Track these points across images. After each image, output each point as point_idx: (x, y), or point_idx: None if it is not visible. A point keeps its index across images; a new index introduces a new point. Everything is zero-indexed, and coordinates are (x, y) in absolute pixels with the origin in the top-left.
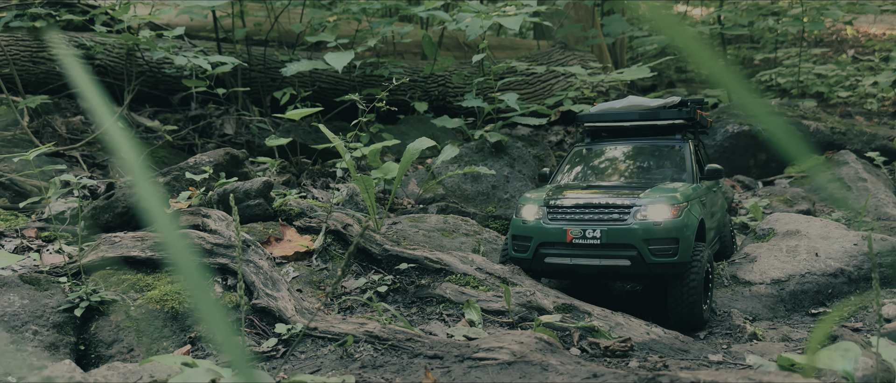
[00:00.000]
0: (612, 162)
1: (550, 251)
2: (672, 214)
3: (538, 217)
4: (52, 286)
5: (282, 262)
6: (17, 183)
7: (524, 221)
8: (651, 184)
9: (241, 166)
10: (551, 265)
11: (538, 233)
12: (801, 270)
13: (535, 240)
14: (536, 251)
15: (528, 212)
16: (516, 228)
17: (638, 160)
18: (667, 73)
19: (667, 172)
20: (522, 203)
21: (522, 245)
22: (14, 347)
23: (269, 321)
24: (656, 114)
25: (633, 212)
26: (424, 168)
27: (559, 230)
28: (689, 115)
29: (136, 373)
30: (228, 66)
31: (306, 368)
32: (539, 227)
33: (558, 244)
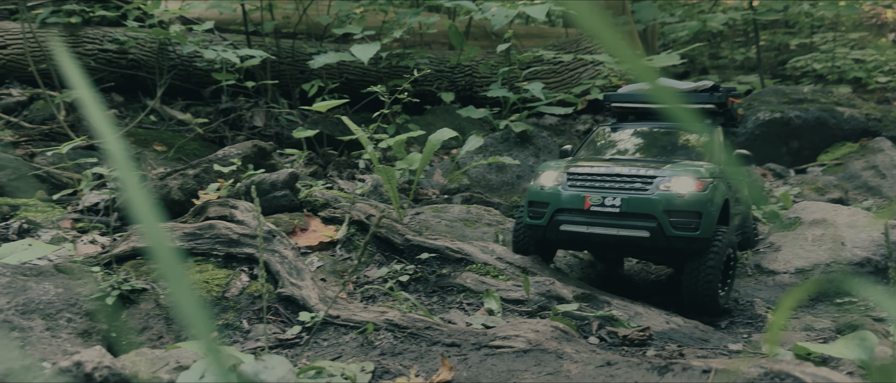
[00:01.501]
0: (637, 142)
1: (567, 218)
2: (696, 188)
3: (556, 183)
4: (85, 275)
5: (306, 252)
6: (54, 175)
7: (542, 187)
8: (669, 161)
9: (268, 158)
10: (566, 233)
11: (555, 198)
12: (826, 259)
13: (552, 207)
14: (552, 218)
15: (546, 178)
16: (533, 194)
17: (663, 142)
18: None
19: (689, 151)
20: (541, 169)
21: (538, 211)
22: (49, 334)
23: (293, 309)
24: (686, 98)
25: (656, 182)
26: (450, 158)
27: (577, 196)
28: (720, 101)
29: (162, 359)
30: (257, 59)
31: (328, 355)
32: (556, 193)
33: (575, 211)
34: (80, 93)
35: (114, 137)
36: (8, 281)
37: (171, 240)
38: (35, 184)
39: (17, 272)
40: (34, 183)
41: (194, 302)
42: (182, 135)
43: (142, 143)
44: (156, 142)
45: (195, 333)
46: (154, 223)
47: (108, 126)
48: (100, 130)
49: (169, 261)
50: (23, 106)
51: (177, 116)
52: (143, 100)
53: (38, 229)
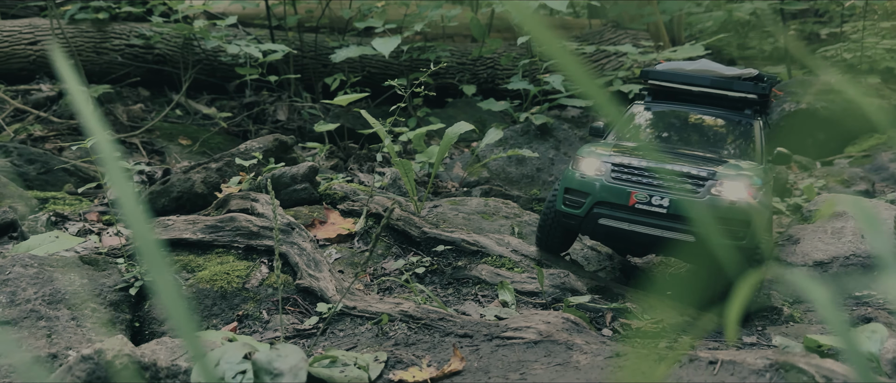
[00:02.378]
0: (675, 127)
1: (607, 212)
2: (748, 195)
3: (599, 173)
4: (110, 266)
5: (325, 244)
6: (82, 169)
7: (582, 175)
8: (717, 158)
9: (289, 152)
10: (604, 228)
11: (597, 190)
12: (846, 252)
13: (592, 198)
14: (591, 210)
15: (587, 166)
16: (571, 181)
17: (703, 130)
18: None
19: (734, 149)
20: (582, 154)
21: (576, 200)
22: (74, 323)
23: (311, 300)
24: (729, 84)
25: (708, 185)
26: (470, 151)
27: (622, 191)
28: (764, 91)
29: (182, 347)
30: (279, 53)
31: (344, 344)
32: (599, 184)
33: (618, 206)
34: (72, 89)
35: (106, 137)
36: (35, 272)
37: (193, 233)
38: (63, 177)
39: (44, 263)
40: (62, 176)
41: (177, 296)
42: (207, 129)
43: (167, 137)
44: (181, 136)
45: (179, 328)
46: (139, 217)
47: (101, 126)
48: (92, 129)
49: (154, 255)
50: (52, 101)
51: (202, 110)
52: (168, 94)
53: (66, 221)
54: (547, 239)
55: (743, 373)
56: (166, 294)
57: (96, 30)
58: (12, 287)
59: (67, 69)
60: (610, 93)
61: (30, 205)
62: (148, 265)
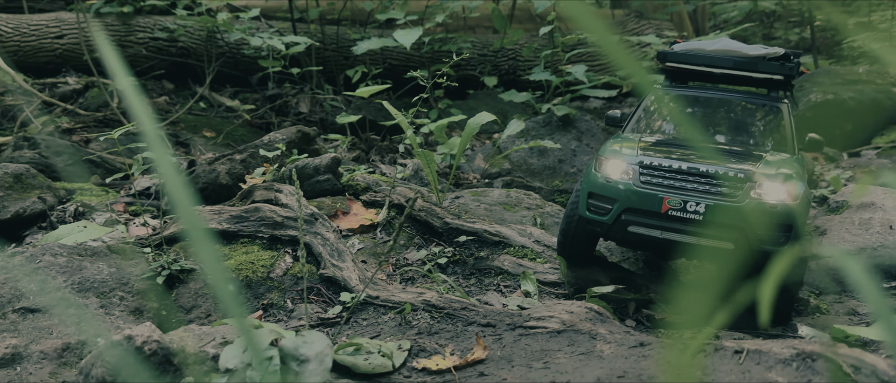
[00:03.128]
0: (697, 115)
1: (637, 220)
2: (789, 196)
3: (627, 177)
4: (137, 256)
5: (348, 235)
6: (108, 160)
7: (607, 179)
8: (750, 152)
9: (312, 143)
10: (635, 235)
11: (626, 196)
12: (874, 243)
13: (621, 205)
14: (619, 217)
15: (613, 169)
16: (595, 185)
17: (729, 118)
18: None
19: (763, 138)
20: (606, 155)
21: (602, 207)
22: (103, 311)
23: (335, 290)
24: (754, 64)
25: (747, 188)
26: (491, 143)
27: (654, 197)
28: (791, 73)
29: (209, 335)
30: (301, 46)
31: (367, 333)
32: (628, 190)
33: (649, 213)
34: (121, 83)
35: (153, 126)
36: (65, 261)
37: (218, 223)
38: (90, 169)
39: (73, 253)
40: (89, 168)
41: (229, 284)
42: (230, 122)
43: (192, 129)
44: (205, 129)
45: (230, 312)
46: (191, 209)
47: (149, 116)
48: (141, 119)
49: (205, 245)
50: (78, 93)
51: (225, 103)
52: (192, 87)
53: (93, 212)
54: (570, 245)
55: (769, 363)
56: (216, 279)
57: (121, 23)
58: (42, 275)
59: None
60: (636, 81)
61: (58, 195)
62: (197, 250)
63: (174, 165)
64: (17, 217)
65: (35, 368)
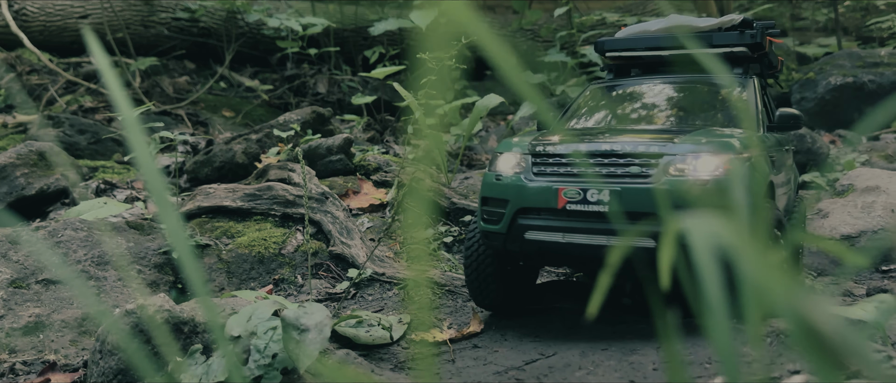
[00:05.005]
0: (644, 104)
1: (533, 222)
2: (725, 169)
3: (519, 170)
4: (154, 231)
5: (358, 214)
6: None
7: (499, 177)
8: (684, 130)
9: (326, 124)
10: (534, 244)
11: (517, 194)
12: (875, 226)
13: (512, 205)
14: (513, 221)
15: (505, 163)
16: (487, 187)
17: (680, 103)
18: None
19: (719, 119)
20: (500, 150)
21: (495, 213)
22: (121, 283)
23: (343, 266)
24: (708, 39)
25: (663, 164)
26: (506, 124)
27: (547, 190)
28: (755, 41)
29: (219, 306)
30: (319, 26)
31: (372, 307)
32: (518, 185)
33: (545, 212)
34: (99, 64)
35: (132, 113)
36: (85, 235)
37: (232, 201)
38: (112, 147)
39: (93, 227)
40: (111, 146)
41: (194, 261)
42: (249, 102)
43: (211, 109)
44: (224, 108)
45: (195, 289)
46: (163, 192)
47: (127, 101)
48: (119, 104)
49: (176, 226)
50: None
51: (245, 83)
52: (213, 66)
53: (114, 189)
54: (479, 283)
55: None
56: (185, 259)
57: (144, 3)
58: (64, 249)
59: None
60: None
61: (80, 173)
62: (169, 233)
63: (149, 152)
64: (41, 193)
65: (57, 336)
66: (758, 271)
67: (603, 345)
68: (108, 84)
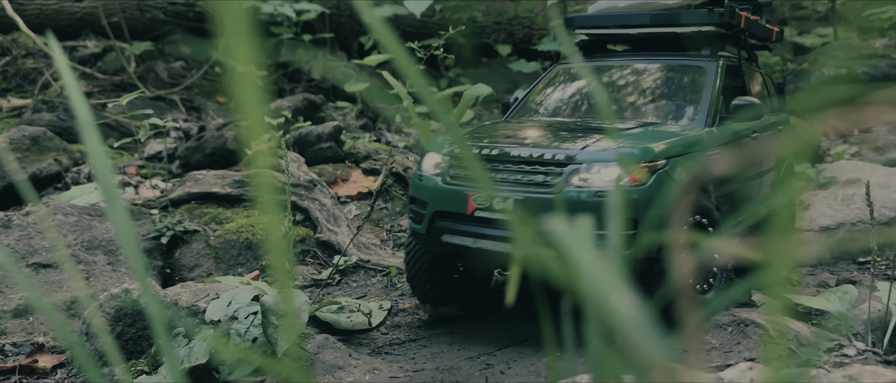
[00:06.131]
0: (600, 89)
1: (448, 225)
2: (630, 179)
3: (438, 172)
4: (144, 217)
5: (346, 201)
6: (123, 124)
7: (421, 177)
8: (600, 129)
9: (318, 111)
10: (450, 247)
11: (433, 196)
12: (853, 218)
13: (430, 207)
14: (431, 223)
15: (428, 163)
16: (412, 186)
17: (640, 89)
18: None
19: (674, 107)
20: (427, 149)
21: (418, 212)
22: (110, 268)
23: (329, 253)
24: (675, 17)
25: (566, 173)
26: (498, 112)
27: (459, 194)
28: (726, 20)
29: (203, 291)
30: (313, 12)
31: (355, 293)
32: (435, 188)
33: (457, 216)
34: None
35: (87, 110)
36: (75, 220)
37: (221, 187)
38: (105, 132)
39: (83, 212)
40: (104, 131)
41: (136, 248)
42: None
43: (206, 94)
44: (219, 94)
45: (137, 276)
46: (110, 180)
47: (83, 98)
48: (75, 101)
49: (120, 214)
50: (97, 57)
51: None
52: (208, 52)
53: None
54: (416, 279)
55: (708, 327)
56: (128, 249)
57: None
58: (54, 233)
59: None
60: None
61: (73, 158)
62: (113, 221)
63: (100, 143)
64: (33, 177)
65: (46, 318)
66: (595, 279)
67: None
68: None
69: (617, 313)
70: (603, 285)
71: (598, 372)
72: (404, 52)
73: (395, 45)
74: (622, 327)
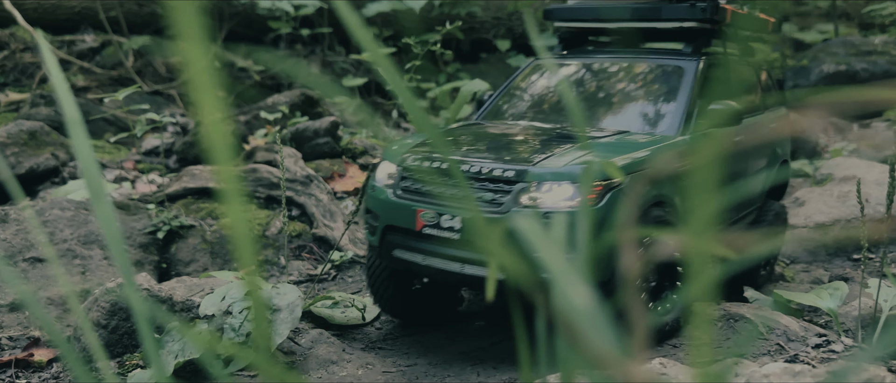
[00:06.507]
0: (575, 88)
1: (400, 241)
2: (581, 201)
3: (390, 183)
4: (140, 211)
5: (342, 197)
6: (120, 119)
7: (374, 187)
8: (565, 138)
9: (316, 106)
10: (401, 262)
11: (383, 210)
12: (848, 215)
13: (382, 221)
14: (383, 237)
15: (381, 173)
16: (367, 197)
17: (616, 90)
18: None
19: (648, 112)
20: (383, 157)
21: (371, 225)
22: (106, 262)
23: (326, 248)
24: (655, 12)
25: (516, 191)
26: None
27: (407, 209)
28: (709, 15)
29: (198, 286)
30: (310, 7)
31: (351, 289)
32: (386, 201)
33: (407, 232)
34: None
35: (73, 103)
36: (72, 215)
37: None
38: (103, 126)
39: (80, 207)
40: (102, 125)
41: (120, 243)
42: (242, 82)
43: None
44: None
45: (121, 270)
46: (95, 171)
47: (68, 91)
48: (61, 94)
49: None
50: (95, 52)
51: (237, 62)
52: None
53: (104, 169)
54: (375, 288)
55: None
56: (113, 245)
57: None
58: (51, 228)
59: None
60: None
61: (70, 152)
62: (99, 218)
63: (88, 140)
64: (31, 172)
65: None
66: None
67: None
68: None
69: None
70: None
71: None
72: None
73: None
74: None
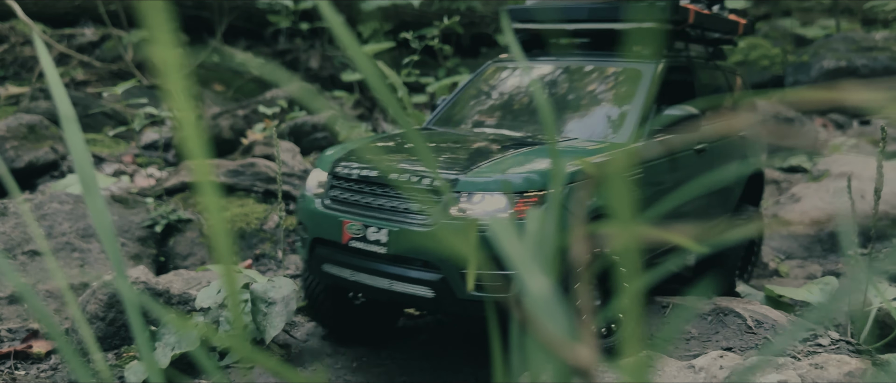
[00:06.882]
0: (526, 93)
1: (328, 254)
2: (516, 210)
3: (319, 192)
4: (139, 205)
5: None
6: (119, 113)
7: (303, 197)
8: (524, 142)
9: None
10: (330, 277)
11: (311, 221)
12: (843, 211)
13: (310, 233)
14: (312, 250)
15: (311, 182)
16: (297, 207)
17: (571, 94)
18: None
19: (601, 118)
20: (315, 164)
21: (302, 236)
22: (104, 256)
23: None
24: (613, 11)
25: (444, 202)
26: None
27: (334, 221)
28: (671, 16)
29: (195, 279)
30: (310, 1)
31: None
32: (313, 212)
33: (334, 246)
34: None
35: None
36: (70, 208)
37: (216, 176)
38: (102, 120)
39: (78, 201)
40: (101, 119)
41: (113, 238)
42: (241, 76)
43: (203, 83)
44: (216, 82)
45: (113, 266)
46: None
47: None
48: (54, 87)
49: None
50: (95, 45)
51: (237, 56)
52: (206, 40)
53: (102, 162)
54: (315, 308)
55: (689, 316)
56: (106, 239)
57: None
58: (50, 221)
59: None
60: None
61: None
62: (91, 211)
63: (81, 135)
64: (30, 166)
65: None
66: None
67: None
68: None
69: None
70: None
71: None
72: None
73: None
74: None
